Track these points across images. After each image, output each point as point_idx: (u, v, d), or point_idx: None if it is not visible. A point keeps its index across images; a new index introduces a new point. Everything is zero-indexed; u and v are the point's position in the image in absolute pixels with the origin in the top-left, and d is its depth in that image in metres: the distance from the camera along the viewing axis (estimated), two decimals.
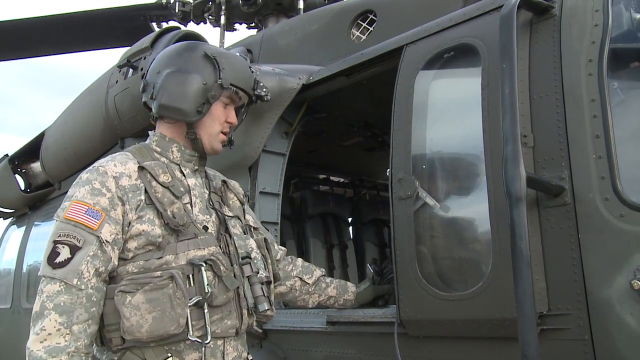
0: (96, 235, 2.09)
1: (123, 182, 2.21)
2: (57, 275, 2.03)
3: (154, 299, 2.05)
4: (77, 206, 2.12)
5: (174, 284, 2.08)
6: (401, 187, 2.85)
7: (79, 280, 2.03)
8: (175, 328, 2.07)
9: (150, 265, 2.14)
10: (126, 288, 2.08)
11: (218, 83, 2.38)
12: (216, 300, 2.18)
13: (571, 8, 2.56)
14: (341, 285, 3.02)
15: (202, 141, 2.43)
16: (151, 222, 2.19)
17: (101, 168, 2.22)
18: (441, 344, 2.76)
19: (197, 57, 2.43)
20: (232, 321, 2.26)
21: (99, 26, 5.81)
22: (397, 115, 2.98)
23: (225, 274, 2.21)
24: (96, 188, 2.16)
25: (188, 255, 2.19)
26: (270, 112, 3.76)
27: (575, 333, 2.34)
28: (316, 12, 4.57)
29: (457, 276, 2.79)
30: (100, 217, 2.11)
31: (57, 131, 5.74)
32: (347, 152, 5.51)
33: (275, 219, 3.95)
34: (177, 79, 2.38)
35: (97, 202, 2.14)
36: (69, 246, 2.07)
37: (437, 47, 2.93)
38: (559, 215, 2.40)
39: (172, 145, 2.42)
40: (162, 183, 2.26)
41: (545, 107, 2.51)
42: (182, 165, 2.43)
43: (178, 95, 2.36)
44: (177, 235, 2.21)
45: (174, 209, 2.23)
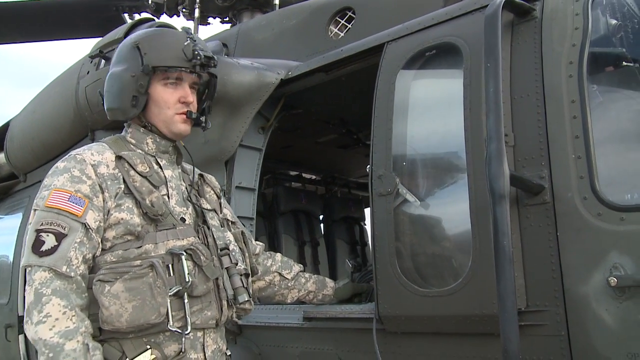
0: (81, 222, 2.07)
1: (101, 170, 2.19)
2: (46, 262, 1.99)
3: (133, 287, 2.03)
4: (59, 194, 2.09)
5: (154, 273, 2.06)
6: (381, 184, 2.86)
7: (67, 267, 2.01)
8: (156, 317, 2.05)
9: (130, 254, 2.12)
10: (105, 277, 2.04)
11: (142, 71, 2.32)
12: (196, 290, 2.17)
13: (552, 11, 2.61)
14: (320, 280, 3.03)
15: (159, 128, 2.39)
16: (130, 210, 2.17)
17: (78, 156, 2.20)
18: (420, 340, 2.78)
19: (127, 49, 2.41)
20: (212, 312, 2.24)
21: (70, 15, 5.68)
22: (378, 112, 2.98)
23: (205, 263, 2.20)
24: (76, 175, 2.14)
25: (167, 245, 2.17)
26: (248, 106, 3.74)
27: (552, 329, 2.38)
28: (294, 7, 4.56)
29: (437, 273, 2.81)
30: (83, 204, 2.09)
31: (24, 121, 5.59)
32: (321, 149, 5.51)
33: (251, 214, 3.94)
34: (111, 80, 2.40)
35: (78, 189, 2.11)
36: (53, 234, 2.03)
37: (418, 45, 2.95)
38: (538, 213, 2.45)
39: (146, 137, 2.40)
40: (140, 172, 2.25)
41: (526, 107, 2.56)
42: (158, 156, 2.41)
43: (113, 96, 2.38)
44: (155, 225, 2.19)
45: (152, 198, 2.22)
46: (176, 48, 2.34)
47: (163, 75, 2.35)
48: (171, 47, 2.35)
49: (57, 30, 6.09)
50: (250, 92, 3.69)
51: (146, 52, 2.32)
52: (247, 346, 3.57)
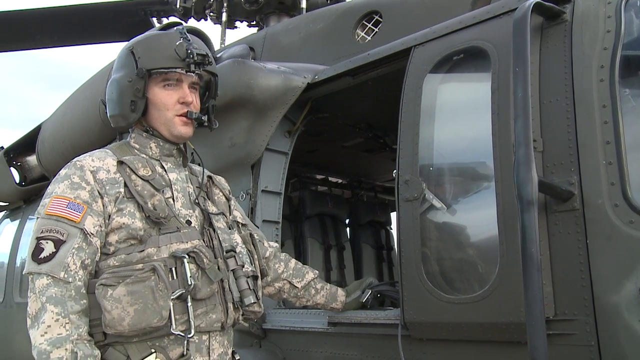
0: (79, 227, 2.09)
1: (100, 175, 2.20)
2: (43, 269, 2.02)
3: (135, 291, 2.03)
4: (58, 201, 2.11)
5: (155, 276, 2.06)
6: (408, 189, 2.84)
7: (65, 273, 2.03)
8: (158, 320, 2.04)
9: (132, 258, 2.13)
10: (107, 281, 2.05)
11: (136, 75, 2.31)
12: (200, 293, 2.16)
13: (583, 14, 2.56)
14: (331, 293, 2.99)
15: (160, 131, 2.38)
16: (132, 215, 2.17)
17: (78, 163, 2.22)
18: (445, 347, 2.74)
19: (123, 56, 2.41)
20: (217, 315, 2.23)
21: (99, 20, 5.77)
22: (405, 116, 2.96)
23: (208, 266, 2.19)
24: (75, 182, 2.16)
25: (170, 248, 2.17)
26: (274, 110, 3.74)
27: (581, 338, 2.33)
28: (321, 11, 4.56)
29: (463, 279, 2.78)
30: (82, 210, 2.11)
31: (54, 124, 5.69)
32: (346, 153, 5.50)
33: (277, 218, 3.94)
34: (110, 87, 2.40)
35: (77, 195, 2.13)
36: (52, 241, 2.06)
37: (446, 49, 2.92)
38: (567, 220, 2.40)
39: (149, 141, 2.40)
40: (142, 176, 2.25)
41: (555, 112, 2.51)
42: (163, 160, 2.40)
43: (113, 102, 2.38)
44: (159, 228, 2.19)
45: (154, 202, 2.21)
46: (169, 48, 2.31)
47: (160, 77, 2.33)
48: (164, 48, 2.33)
49: (87, 34, 6.19)
50: (277, 96, 3.70)
51: (140, 56, 2.32)
52: (271, 350, 3.57)
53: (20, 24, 6.04)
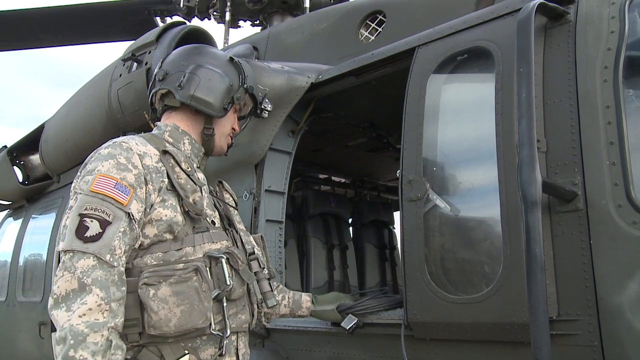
0: (126, 211, 2.00)
1: (147, 161, 2.14)
2: (90, 249, 1.91)
3: (180, 291, 2.00)
4: (104, 179, 2.00)
5: (198, 277, 2.05)
6: (411, 189, 2.84)
7: (111, 256, 1.94)
8: (203, 322, 2.04)
9: (170, 257, 2.10)
10: (149, 280, 2.01)
11: (243, 87, 2.49)
12: (234, 293, 2.18)
13: (587, 14, 2.56)
14: (295, 301, 2.89)
15: (215, 139, 2.45)
16: (173, 208, 2.13)
17: (124, 144, 2.13)
18: (449, 347, 2.75)
19: (223, 59, 2.52)
20: (246, 316, 2.26)
21: (102, 19, 5.78)
22: (408, 116, 2.97)
23: (242, 267, 2.22)
24: (122, 163, 2.06)
25: (204, 248, 2.17)
26: (278, 110, 3.74)
27: (584, 339, 2.34)
28: (324, 11, 4.56)
29: (466, 279, 2.78)
30: (129, 193, 2.02)
31: (58, 123, 5.70)
32: (350, 153, 5.51)
33: (280, 218, 3.94)
34: (208, 74, 2.41)
35: (124, 177, 2.04)
36: (98, 220, 1.95)
37: (450, 49, 2.92)
38: (571, 220, 2.41)
39: (184, 137, 2.41)
40: (185, 170, 2.23)
41: (559, 112, 2.51)
42: (192, 159, 2.42)
43: (209, 88, 2.40)
44: (193, 226, 2.18)
45: (195, 197, 2.21)
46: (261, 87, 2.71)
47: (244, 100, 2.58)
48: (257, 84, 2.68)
49: (91, 33, 6.20)
50: (281, 96, 3.71)
51: (247, 75, 2.56)
52: (275, 350, 3.58)
53: (24, 23, 6.05)
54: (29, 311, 5.92)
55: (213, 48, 2.65)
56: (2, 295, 6.77)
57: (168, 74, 2.44)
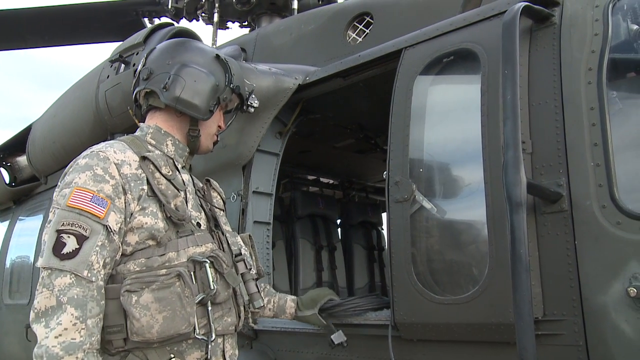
0: (103, 224, 1.99)
1: (125, 170, 2.11)
2: (67, 267, 1.91)
3: (162, 298, 1.99)
4: (81, 193, 1.99)
5: (181, 282, 2.03)
6: (398, 190, 2.85)
7: (89, 272, 1.93)
8: (186, 327, 2.02)
9: (153, 262, 2.08)
10: (131, 287, 1.99)
11: (230, 87, 2.44)
12: (219, 297, 2.16)
13: (571, 17, 2.58)
14: (279, 306, 2.85)
15: (201, 140, 2.42)
16: (154, 215, 2.11)
17: (102, 153, 2.10)
18: (436, 348, 2.76)
19: (209, 56, 2.45)
20: (232, 318, 2.25)
21: (90, 20, 5.75)
22: (395, 118, 2.98)
23: (226, 270, 2.20)
24: (99, 174, 2.04)
25: (188, 252, 2.15)
26: (265, 111, 3.75)
27: (569, 339, 2.35)
28: (312, 12, 4.57)
29: (453, 280, 2.79)
30: (106, 205, 2.00)
31: (45, 125, 5.66)
32: (338, 154, 5.51)
33: (268, 219, 3.94)
34: (193, 75, 2.35)
35: (101, 189, 2.02)
36: (75, 236, 1.95)
37: (436, 51, 2.94)
38: (555, 221, 2.42)
39: (167, 138, 2.37)
40: (165, 175, 2.20)
41: (544, 113, 2.53)
42: (176, 159, 2.38)
43: (195, 91, 2.34)
44: (177, 231, 2.16)
45: (177, 202, 2.18)
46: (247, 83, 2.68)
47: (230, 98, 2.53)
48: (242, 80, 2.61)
49: (79, 34, 6.17)
50: (268, 98, 3.71)
51: (234, 74, 2.50)
52: (262, 351, 3.58)
53: (10, 23, 6.01)
54: (15, 314, 5.88)
55: (199, 43, 2.56)
56: None
57: (153, 74, 2.38)
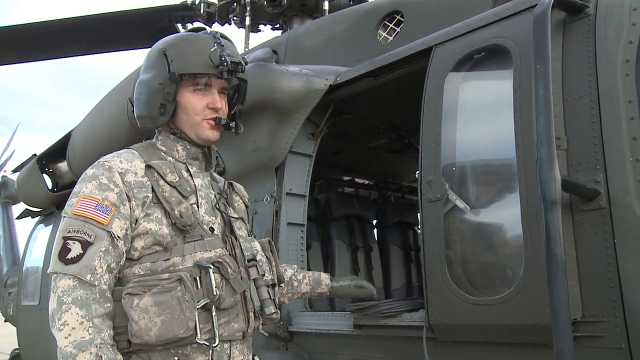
0: (107, 230, 2.06)
1: (129, 178, 2.17)
2: (70, 271, 1.99)
3: (162, 301, 2.02)
4: (86, 202, 2.09)
5: (182, 287, 2.05)
6: (431, 190, 2.81)
7: (92, 276, 2.00)
8: (185, 331, 2.04)
9: (157, 267, 2.12)
10: (133, 290, 2.04)
11: (168, 78, 2.28)
12: (224, 303, 2.15)
13: (607, 7, 2.50)
14: (314, 279, 2.92)
15: (187, 134, 2.35)
16: (158, 221, 2.16)
17: (107, 163, 2.18)
18: (471, 350, 2.71)
19: (154, 56, 2.37)
20: (239, 324, 2.23)
21: (125, 27, 5.85)
22: (427, 116, 2.94)
23: (232, 276, 2.18)
24: (104, 183, 2.13)
25: (195, 257, 2.16)
26: (297, 113, 3.75)
27: (611, 341, 2.28)
28: (342, 12, 4.55)
29: (488, 281, 2.73)
30: (110, 212, 2.08)
31: (83, 131, 5.79)
32: (372, 154, 5.48)
33: (302, 221, 3.93)
34: (140, 87, 2.36)
35: (105, 197, 2.11)
36: (79, 242, 2.03)
37: (467, 47, 2.88)
38: (593, 219, 2.35)
39: (176, 144, 2.37)
40: (170, 182, 2.22)
41: (579, 108, 2.46)
42: (189, 163, 2.38)
43: (141, 103, 2.33)
44: (183, 236, 2.18)
45: (181, 209, 2.19)
46: (203, 54, 2.29)
47: (191, 81, 2.31)
48: (198, 53, 2.30)
49: (114, 42, 6.29)
50: (299, 99, 3.70)
51: (173, 60, 2.29)
52: (298, 352, 3.58)
53: (49, 34, 6.16)
54: None
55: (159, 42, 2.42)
56: (35, 299, 6.93)
57: None
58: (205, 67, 2.29)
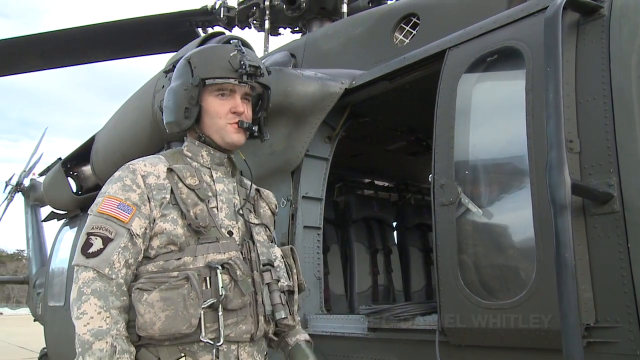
0: (127, 228, 2.17)
1: (150, 180, 2.27)
2: (90, 264, 2.10)
3: (168, 297, 2.10)
4: (110, 201, 2.20)
5: (188, 285, 2.12)
6: (443, 193, 2.80)
7: (110, 269, 2.11)
8: (187, 328, 2.10)
9: (169, 265, 2.20)
10: (143, 286, 2.13)
11: (191, 83, 2.37)
12: (231, 304, 2.19)
13: (622, 7, 2.46)
14: None
15: (213, 139, 2.43)
16: (174, 221, 2.24)
17: (131, 166, 2.30)
18: (483, 354, 2.69)
19: (181, 66, 2.47)
20: (247, 326, 2.25)
21: (147, 33, 5.94)
22: (440, 119, 2.93)
23: (241, 278, 2.22)
24: (127, 184, 2.24)
25: (207, 258, 2.22)
26: (312, 116, 3.76)
27: (625, 347, 2.24)
28: (359, 15, 4.56)
29: (500, 285, 2.72)
30: (131, 211, 2.19)
31: (106, 135, 5.88)
32: (391, 156, 5.47)
33: (318, 224, 3.94)
34: (168, 95, 2.46)
35: (128, 197, 2.21)
36: (101, 237, 2.15)
37: (480, 50, 2.87)
38: (607, 223, 2.31)
39: (201, 149, 2.45)
40: (189, 185, 2.31)
41: (592, 110, 2.43)
42: (213, 169, 2.44)
43: (169, 110, 2.44)
44: (198, 237, 2.25)
45: (196, 211, 2.27)
46: (223, 59, 2.39)
47: (215, 87, 2.40)
48: (219, 59, 2.41)
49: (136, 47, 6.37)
50: (315, 103, 3.72)
51: (196, 66, 2.39)
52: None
53: (73, 41, 6.28)
54: None
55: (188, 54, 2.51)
56: (60, 300, 7.06)
57: None
58: (225, 71, 2.38)
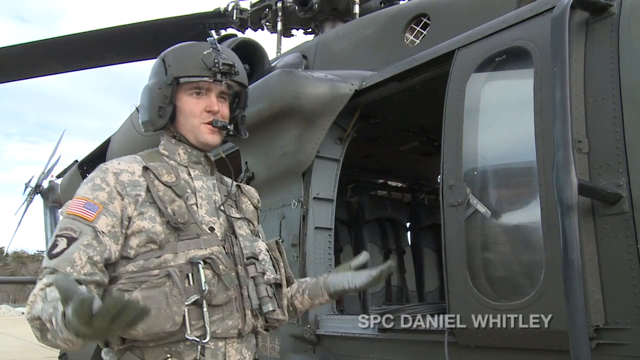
0: (92, 226, 2.13)
1: (123, 177, 2.22)
2: (52, 264, 2.08)
3: (149, 296, 2.05)
4: (77, 201, 2.18)
5: (170, 282, 2.07)
6: (452, 194, 2.80)
7: (71, 267, 2.07)
8: (171, 326, 2.05)
9: (149, 264, 2.15)
10: (124, 287, 2.09)
11: (165, 82, 2.33)
12: (215, 299, 2.16)
13: (632, 6, 2.44)
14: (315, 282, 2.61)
15: (187, 138, 2.37)
16: (152, 219, 2.19)
17: (104, 166, 2.27)
18: (492, 355, 2.69)
19: (156, 64, 2.45)
20: (234, 321, 2.22)
21: (160, 35, 5.96)
22: (448, 120, 2.93)
23: (224, 272, 2.19)
24: (97, 184, 2.20)
25: (188, 254, 2.18)
26: (323, 118, 3.77)
27: (635, 349, 2.22)
28: (370, 16, 4.56)
29: (509, 285, 2.70)
30: (97, 210, 2.16)
31: (121, 138, 5.95)
32: (404, 157, 5.46)
33: (329, 225, 3.94)
34: (143, 94, 2.44)
35: (96, 196, 2.18)
36: (66, 238, 2.12)
37: (488, 50, 2.86)
38: (616, 224, 2.30)
39: (178, 148, 2.40)
40: (165, 182, 2.27)
41: (601, 110, 2.41)
42: (191, 167, 2.40)
43: (144, 108, 2.41)
44: (177, 234, 2.20)
45: (174, 207, 2.23)
46: (197, 58, 2.34)
47: (190, 85, 2.35)
48: (192, 57, 2.36)
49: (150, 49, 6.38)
50: (325, 104, 3.73)
51: (170, 64, 2.35)
52: (325, 356, 3.60)
53: (89, 44, 6.34)
54: None
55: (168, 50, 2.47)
56: None
57: None
58: (198, 70, 2.33)
